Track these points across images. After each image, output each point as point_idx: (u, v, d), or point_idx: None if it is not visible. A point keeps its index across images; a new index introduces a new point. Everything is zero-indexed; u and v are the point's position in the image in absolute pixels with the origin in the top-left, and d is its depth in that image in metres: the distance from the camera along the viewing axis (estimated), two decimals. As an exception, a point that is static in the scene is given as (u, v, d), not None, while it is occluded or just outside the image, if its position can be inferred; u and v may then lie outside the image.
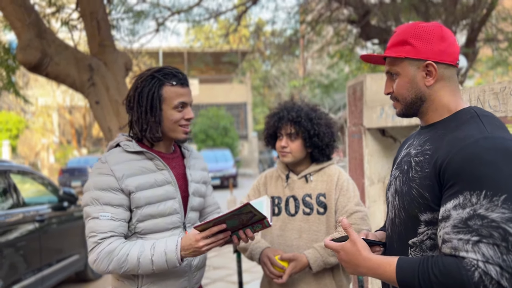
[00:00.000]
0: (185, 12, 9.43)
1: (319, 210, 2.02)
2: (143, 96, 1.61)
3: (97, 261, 1.50)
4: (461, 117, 1.18)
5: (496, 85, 1.73)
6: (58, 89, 21.33)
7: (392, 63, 1.27)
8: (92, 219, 1.53)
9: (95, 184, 1.56)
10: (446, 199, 1.08)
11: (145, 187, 1.59)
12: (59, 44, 4.08)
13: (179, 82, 1.63)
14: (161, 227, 1.62)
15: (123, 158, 1.61)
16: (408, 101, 1.26)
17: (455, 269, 1.01)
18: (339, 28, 10.77)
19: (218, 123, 22.67)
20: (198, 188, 1.77)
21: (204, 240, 1.47)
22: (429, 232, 1.16)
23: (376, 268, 1.16)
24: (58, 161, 23.56)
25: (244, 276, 5.14)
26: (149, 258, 1.50)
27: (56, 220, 4.77)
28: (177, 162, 1.75)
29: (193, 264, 1.71)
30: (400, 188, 1.24)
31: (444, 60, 1.20)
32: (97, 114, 4.20)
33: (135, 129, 1.66)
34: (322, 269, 1.96)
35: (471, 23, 9.03)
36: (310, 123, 2.01)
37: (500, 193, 1.00)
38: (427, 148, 1.18)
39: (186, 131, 1.67)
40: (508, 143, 1.06)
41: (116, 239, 1.53)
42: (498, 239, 0.99)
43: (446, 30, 1.23)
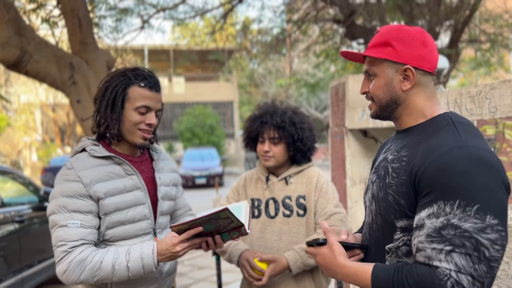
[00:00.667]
0: (170, 10, 9.36)
1: (299, 212, 2.02)
2: (108, 91, 1.57)
3: (68, 271, 1.43)
4: (436, 123, 1.17)
5: (472, 88, 1.75)
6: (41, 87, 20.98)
7: (372, 63, 1.26)
8: (60, 227, 1.45)
9: (62, 191, 1.49)
10: (420, 208, 1.08)
11: (114, 193, 1.54)
12: (39, 41, 4.00)
13: (148, 85, 1.58)
14: (131, 234, 1.58)
15: (90, 163, 1.55)
16: (383, 103, 1.25)
17: (428, 279, 1.02)
18: (325, 27, 10.81)
19: (204, 121, 22.59)
20: (167, 192, 1.73)
21: (182, 244, 1.44)
22: (405, 238, 1.16)
23: (352, 275, 1.16)
24: (41, 159, 23.23)
25: (226, 277, 5.13)
26: (125, 264, 1.45)
27: (36, 221, 4.69)
28: (145, 165, 1.70)
29: (163, 270, 1.67)
30: (377, 194, 1.24)
31: (423, 66, 1.20)
32: (78, 113, 4.14)
33: (94, 123, 1.63)
34: (302, 271, 1.96)
35: (454, 24, 9.15)
36: (293, 127, 2.00)
37: (473, 203, 1.01)
38: (403, 154, 1.18)
39: (145, 136, 1.60)
40: (481, 152, 1.06)
41: (87, 247, 1.46)
42: (470, 249, 0.99)
43: (428, 36, 1.23)
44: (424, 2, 9.14)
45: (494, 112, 1.65)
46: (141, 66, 1.66)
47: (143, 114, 1.58)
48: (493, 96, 1.65)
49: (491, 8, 10.44)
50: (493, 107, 1.65)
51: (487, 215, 1.00)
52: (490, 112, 1.66)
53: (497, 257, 1.01)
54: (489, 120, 3.19)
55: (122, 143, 1.64)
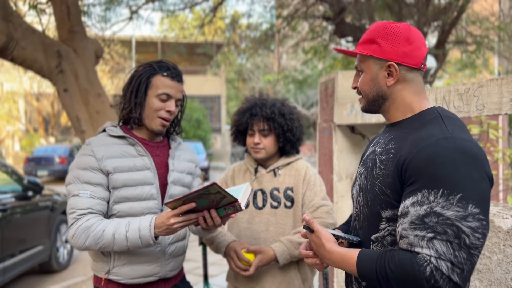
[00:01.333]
0: (159, 1, 9.27)
1: (286, 204, 2.04)
2: (134, 79, 1.72)
3: (75, 236, 1.55)
4: (424, 117, 1.21)
5: (460, 86, 1.78)
6: (25, 75, 20.61)
7: (360, 59, 1.30)
8: (73, 196, 1.60)
9: (77, 164, 1.64)
10: (405, 196, 1.11)
11: (123, 170, 1.65)
12: (26, 28, 3.93)
13: (170, 74, 1.71)
14: (137, 211, 1.66)
15: (105, 141, 1.69)
16: (370, 98, 1.29)
17: (409, 264, 1.05)
18: (314, 24, 10.84)
19: (191, 115, 22.47)
20: (180, 178, 1.81)
21: (176, 218, 1.50)
22: (390, 228, 1.20)
23: (338, 260, 1.20)
24: (23, 149, 22.86)
25: (212, 269, 5.14)
26: (124, 234, 1.54)
27: (19, 210, 4.63)
28: (161, 150, 1.81)
29: (167, 251, 1.74)
30: (365, 185, 1.27)
31: (407, 62, 1.22)
32: (65, 102, 4.08)
33: (119, 107, 1.77)
34: (288, 262, 1.98)
35: (442, 25, 9.26)
36: (283, 118, 2.02)
37: (456, 192, 1.04)
38: (391, 147, 1.21)
39: (163, 123, 1.72)
40: (467, 143, 1.09)
41: (94, 216, 1.58)
42: (452, 236, 1.03)
43: (414, 32, 1.24)
44: (413, 2, 9.23)
45: (481, 110, 1.69)
46: (166, 60, 1.78)
47: (164, 102, 1.71)
48: (480, 94, 1.69)
49: (478, 10, 10.60)
50: (480, 105, 1.68)
51: (469, 204, 1.03)
52: (477, 109, 1.70)
53: (477, 244, 1.04)
54: (474, 119, 3.25)
55: (142, 128, 1.77)
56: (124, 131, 1.76)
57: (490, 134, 3.22)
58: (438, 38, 9.45)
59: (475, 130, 3.26)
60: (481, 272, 1.74)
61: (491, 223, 1.68)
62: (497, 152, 3.59)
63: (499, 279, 1.65)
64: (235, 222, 2.12)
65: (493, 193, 4.14)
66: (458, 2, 8.42)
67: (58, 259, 5.45)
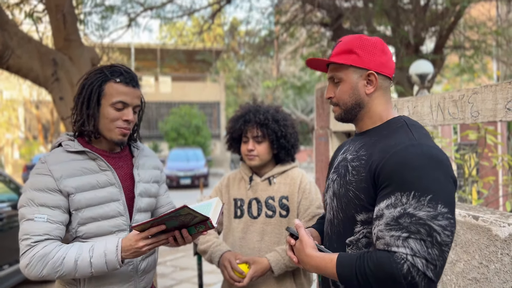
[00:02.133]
0: (157, 9, 9.30)
1: (282, 213, 2.01)
2: (84, 88, 1.57)
3: (30, 265, 1.41)
4: (391, 125, 1.30)
5: (455, 92, 1.76)
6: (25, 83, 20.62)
7: (337, 69, 1.35)
8: (27, 220, 1.45)
9: (32, 185, 1.49)
10: (380, 200, 1.18)
11: (85, 189, 1.52)
12: (22, 36, 3.92)
13: (124, 80, 1.56)
14: (105, 230, 1.55)
15: (63, 158, 1.54)
16: (348, 106, 1.35)
17: (387, 263, 1.11)
18: (312, 30, 10.86)
19: (190, 121, 22.47)
20: (147, 188, 1.70)
21: (144, 241, 1.42)
22: (365, 231, 1.26)
23: (318, 264, 1.24)
24: (23, 157, 22.83)
25: (208, 278, 5.10)
26: (88, 260, 1.43)
27: (16, 219, 4.60)
28: (124, 161, 1.68)
29: (140, 268, 1.64)
30: (338, 191, 1.34)
31: (384, 72, 1.32)
32: (61, 110, 4.06)
33: (71, 120, 1.62)
34: (283, 272, 1.95)
35: (439, 30, 9.27)
36: (277, 125, 2.00)
37: (426, 194, 1.11)
38: (362, 153, 1.29)
39: (123, 132, 1.59)
40: (433, 150, 1.18)
41: (51, 242, 1.44)
42: (425, 234, 1.10)
43: (386, 45, 1.35)
44: (411, 8, 9.25)
45: (476, 117, 1.67)
46: (118, 63, 1.65)
47: (120, 110, 1.56)
48: (475, 101, 1.67)
49: (475, 15, 10.62)
50: (475, 112, 1.67)
51: (439, 204, 1.11)
52: (472, 116, 1.68)
53: (447, 241, 1.11)
54: (471, 125, 3.23)
55: (101, 140, 1.62)
56: (82, 144, 1.61)
57: (487, 140, 3.20)
58: (436, 43, 9.46)
59: (473, 136, 3.24)
60: (479, 281, 1.71)
61: (489, 232, 1.66)
62: (496, 158, 3.57)
63: (497, 288, 1.62)
64: (229, 232, 2.09)
65: (493, 199, 4.11)
66: (455, 8, 8.44)
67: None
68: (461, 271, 1.80)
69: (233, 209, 2.09)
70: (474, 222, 1.73)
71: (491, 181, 3.43)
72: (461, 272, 1.80)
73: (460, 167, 4.43)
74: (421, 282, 1.09)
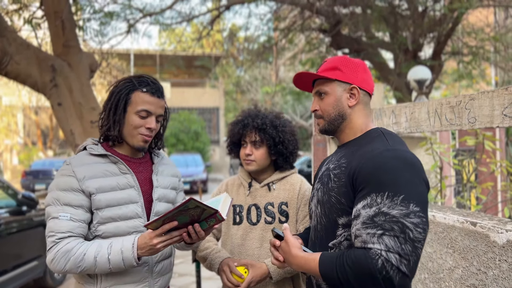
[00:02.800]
0: (156, 15, 9.33)
1: (281, 219, 2.00)
2: (113, 95, 1.67)
3: (54, 260, 1.51)
4: (370, 135, 1.42)
5: (452, 98, 1.77)
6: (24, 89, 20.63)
7: (322, 84, 1.48)
8: (52, 219, 1.55)
9: (57, 185, 1.59)
10: (357, 201, 1.27)
11: (106, 190, 1.60)
12: (21, 43, 3.93)
13: (150, 90, 1.66)
14: (123, 231, 1.62)
15: (86, 160, 1.64)
16: (332, 117, 1.47)
17: (363, 259, 1.18)
18: (311, 36, 10.89)
19: (189, 127, 22.47)
20: (165, 194, 1.77)
21: (158, 238, 1.48)
22: (346, 234, 1.35)
23: (303, 264, 1.32)
24: (22, 163, 22.79)
25: (207, 284, 5.08)
26: (106, 257, 1.51)
27: (13, 225, 4.58)
28: (144, 167, 1.76)
29: (155, 270, 1.70)
30: (322, 198, 1.43)
31: (365, 87, 1.46)
32: (60, 116, 4.07)
33: (100, 124, 1.72)
34: (283, 279, 1.94)
35: (437, 36, 9.31)
36: (275, 130, 2.00)
37: (399, 194, 1.20)
38: (342, 162, 1.40)
39: (145, 139, 1.68)
40: (406, 154, 1.28)
41: (74, 239, 1.54)
42: (398, 231, 1.17)
43: (367, 66, 1.51)
44: (409, 14, 9.29)
45: (473, 123, 1.67)
46: (146, 74, 1.73)
47: (144, 118, 1.66)
48: (472, 107, 1.67)
49: (473, 21, 10.66)
50: (472, 118, 1.67)
51: (411, 203, 1.19)
52: (469, 122, 1.68)
53: (420, 238, 1.18)
54: (469, 131, 3.23)
55: (124, 145, 1.72)
56: (105, 148, 1.71)
57: (486, 145, 3.20)
58: (434, 49, 9.49)
59: (471, 141, 3.25)
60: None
61: (486, 238, 1.65)
62: (494, 163, 3.57)
63: (495, 295, 1.62)
64: (228, 239, 2.08)
65: (491, 205, 4.11)
66: (453, 14, 8.48)
67: (53, 275, 5.38)
68: (460, 278, 1.80)
69: (232, 215, 2.08)
70: (472, 228, 1.73)
71: (490, 187, 3.43)
72: (460, 279, 1.80)
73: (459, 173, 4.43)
74: (395, 277, 1.15)
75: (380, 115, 2.38)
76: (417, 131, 2.04)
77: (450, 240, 1.85)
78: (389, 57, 12.02)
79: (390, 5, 8.95)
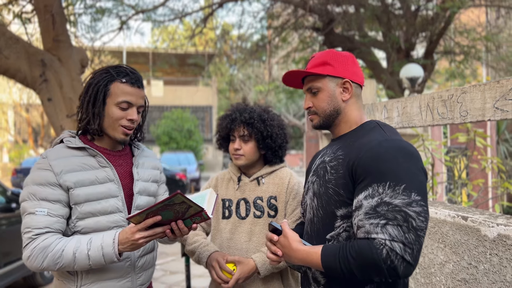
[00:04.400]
0: (149, 12, 9.27)
1: (270, 213, 1.99)
2: (91, 87, 1.60)
3: (31, 257, 1.46)
4: (366, 128, 1.42)
5: (444, 92, 1.76)
6: (15, 86, 20.44)
7: (314, 80, 1.47)
8: (28, 214, 1.49)
9: (33, 179, 1.53)
10: (358, 192, 1.27)
11: (84, 184, 1.55)
12: (10, 37, 3.88)
13: (130, 81, 1.60)
14: (103, 226, 1.57)
15: (64, 153, 1.58)
16: (327, 113, 1.46)
17: (367, 249, 1.18)
18: (304, 35, 10.89)
19: (182, 125, 22.40)
20: (146, 187, 1.73)
21: (141, 233, 1.44)
22: (344, 225, 1.34)
23: (305, 257, 1.31)
24: (12, 160, 22.58)
25: (199, 281, 5.06)
26: (85, 253, 1.46)
27: (2, 222, 4.52)
28: (124, 159, 1.71)
29: (137, 264, 1.66)
30: (318, 190, 1.43)
31: (357, 80, 1.46)
32: (49, 112, 4.02)
33: (77, 118, 1.66)
34: (271, 274, 1.93)
35: (430, 35, 9.35)
36: (263, 124, 1.99)
37: (400, 183, 1.20)
38: (339, 154, 1.39)
39: (126, 132, 1.62)
40: (404, 143, 1.29)
41: (51, 235, 1.48)
42: (401, 220, 1.18)
43: (355, 58, 1.50)
44: (401, 13, 9.32)
45: (465, 116, 1.66)
46: (123, 64, 1.68)
47: (125, 110, 1.60)
48: (464, 100, 1.66)
49: (465, 21, 10.72)
50: (464, 111, 1.66)
51: (412, 192, 1.20)
52: (461, 116, 1.68)
53: (422, 227, 1.19)
54: (461, 127, 3.24)
55: (103, 138, 1.66)
56: (83, 141, 1.65)
57: (477, 142, 3.21)
58: (426, 48, 9.53)
59: (462, 138, 3.25)
60: (468, 282, 1.70)
61: (477, 232, 1.65)
62: (485, 160, 3.58)
63: (486, 289, 1.61)
64: (218, 233, 2.06)
65: (482, 201, 4.12)
66: (445, 13, 8.52)
67: (42, 273, 5.32)
68: (450, 272, 1.79)
69: (221, 209, 2.06)
70: (463, 223, 1.72)
71: (481, 183, 3.44)
72: (450, 273, 1.80)
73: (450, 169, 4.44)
74: (400, 266, 1.15)
75: (372, 110, 2.37)
76: (409, 125, 2.04)
77: (441, 235, 1.85)
78: (381, 56, 12.06)
79: (383, 4, 8.98)
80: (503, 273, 1.54)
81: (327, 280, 1.39)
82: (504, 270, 1.53)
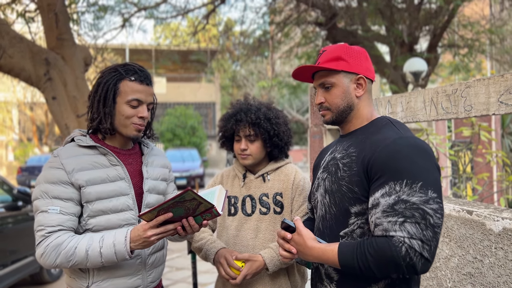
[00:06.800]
0: (151, 9, 9.27)
1: (276, 210, 2.00)
2: (100, 87, 1.62)
3: (44, 254, 1.47)
4: (377, 124, 1.41)
5: (448, 87, 1.76)
6: (19, 84, 20.51)
7: (327, 75, 1.44)
8: (41, 212, 1.51)
9: (45, 178, 1.54)
10: (374, 190, 1.27)
11: (96, 182, 1.57)
12: (14, 36, 3.89)
13: (139, 78, 1.62)
14: (114, 224, 1.59)
15: (75, 152, 1.60)
16: (341, 109, 1.44)
17: (386, 247, 1.19)
18: (307, 30, 10.86)
19: (186, 122, 22.42)
20: (155, 185, 1.75)
21: (152, 230, 1.45)
22: (359, 222, 1.34)
23: (321, 255, 1.32)
24: (17, 159, 22.70)
25: (205, 277, 5.09)
26: (98, 250, 1.48)
27: (9, 220, 4.56)
28: (134, 158, 1.73)
29: (148, 262, 1.68)
30: (330, 187, 1.42)
31: (369, 76, 1.45)
32: (54, 110, 4.04)
33: (88, 118, 1.68)
34: (278, 270, 1.94)
35: (433, 29, 9.30)
36: (269, 123, 1.98)
37: (417, 181, 1.21)
38: (351, 151, 1.39)
39: (138, 128, 1.65)
40: (418, 141, 1.29)
41: (64, 233, 1.50)
42: (419, 218, 1.19)
43: (367, 53, 1.49)
44: (404, 7, 9.27)
45: (469, 111, 1.66)
46: (131, 62, 1.69)
47: (135, 108, 1.62)
48: (468, 95, 1.66)
49: (468, 14, 10.65)
50: (468, 106, 1.66)
51: (429, 190, 1.21)
52: (465, 110, 1.67)
53: (439, 223, 1.20)
54: (465, 121, 3.23)
55: (114, 137, 1.68)
56: (94, 140, 1.67)
57: (481, 136, 3.20)
58: (430, 42, 9.49)
59: (467, 132, 3.25)
60: (473, 276, 1.71)
61: (482, 226, 1.65)
62: (490, 154, 3.57)
63: (491, 283, 1.62)
64: (224, 230, 2.07)
65: (487, 195, 4.12)
66: (448, 6, 8.46)
67: (49, 271, 5.37)
68: (456, 266, 1.80)
69: (227, 206, 2.07)
70: (468, 217, 1.72)
71: (485, 177, 3.44)
72: (456, 267, 1.80)
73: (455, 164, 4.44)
74: (418, 263, 1.17)
75: (376, 105, 2.37)
76: (413, 120, 2.04)
77: (447, 229, 1.85)
78: (385, 51, 12.01)
79: (386, -2, 8.93)
80: (509, 266, 1.54)
81: (341, 276, 1.38)
82: (510, 264, 1.54)
